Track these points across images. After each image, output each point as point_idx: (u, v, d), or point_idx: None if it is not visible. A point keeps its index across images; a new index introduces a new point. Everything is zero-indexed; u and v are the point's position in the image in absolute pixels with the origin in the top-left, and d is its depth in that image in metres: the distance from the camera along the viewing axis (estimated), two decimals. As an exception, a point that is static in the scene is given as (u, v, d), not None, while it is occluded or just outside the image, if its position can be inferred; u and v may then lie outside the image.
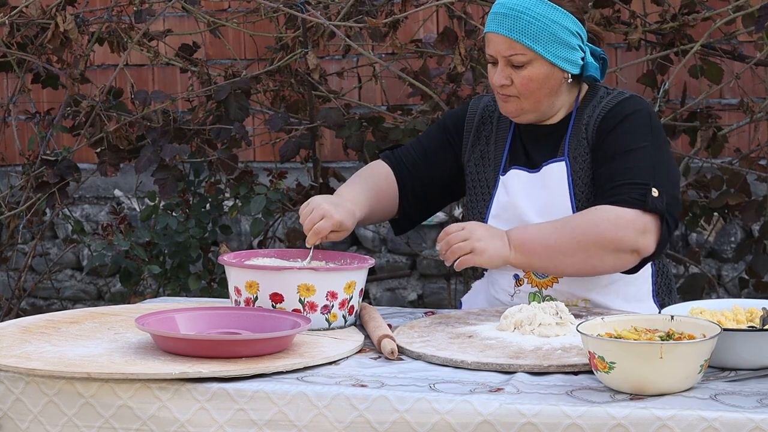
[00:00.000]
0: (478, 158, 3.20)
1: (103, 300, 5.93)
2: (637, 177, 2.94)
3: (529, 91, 3.04)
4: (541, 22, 3.00)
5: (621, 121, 3.03)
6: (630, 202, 2.92)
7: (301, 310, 2.83)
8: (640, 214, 2.92)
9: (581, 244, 2.91)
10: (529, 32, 2.99)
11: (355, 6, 4.36)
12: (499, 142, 3.18)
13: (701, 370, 2.38)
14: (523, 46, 3.00)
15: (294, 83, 4.60)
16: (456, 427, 2.33)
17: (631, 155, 2.98)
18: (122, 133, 4.52)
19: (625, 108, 3.05)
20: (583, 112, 3.10)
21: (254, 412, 2.44)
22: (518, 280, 3.10)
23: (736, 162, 4.52)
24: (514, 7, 3.01)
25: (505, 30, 3.01)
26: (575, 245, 2.91)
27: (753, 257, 4.62)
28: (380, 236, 5.57)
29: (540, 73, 3.03)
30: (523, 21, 2.99)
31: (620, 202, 2.92)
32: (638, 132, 3.02)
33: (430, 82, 4.51)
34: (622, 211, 2.91)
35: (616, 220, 2.90)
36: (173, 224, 4.59)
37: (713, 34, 4.32)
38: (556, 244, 2.91)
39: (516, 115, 3.10)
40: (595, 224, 2.91)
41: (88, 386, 2.50)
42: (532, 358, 2.56)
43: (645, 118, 3.05)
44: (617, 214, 2.91)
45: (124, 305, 3.18)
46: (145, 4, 4.54)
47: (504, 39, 3.02)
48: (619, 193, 2.94)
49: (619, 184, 2.95)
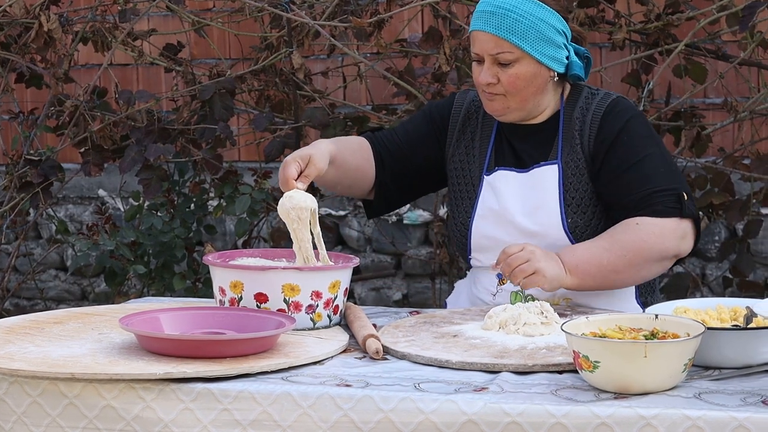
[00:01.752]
0: (462, 154, 3.20)
1: (88, 300, 5.92)
2: (661, 184, 2.99)
3: (516, 90, 3.04)
4: (528, 20, 3.00)
5: (621, 131, 3.05)
6: (667, 211, 2.97)
7: (286, 310, 2.83)
8: (678, 221, 2.98)
9: (632, 261, 2.94)
10: (517, 30, 3.00)
11: (340, 5, 4.36)
12: (484, 140, 3.18)
13: (685, 369, 2.38)
14: (511, 44, 3.01)
15: (279, 83, 4.59)
16: (440, 427, 2.33)
17: (643, 164, 3.02)
18: (106, 133, 4.51)
19: (619, 116, 3.07)
20: (571, 114, 3.10)
21: (239, 412, 2.43)
22: (501, 279, 3.11)
23: (720, 161, 4.53)
24: (501, 5, 3.01)
25: (492, 28, 3.01)
26: (626, 263, 2.94)
27: (737, 256, 4.63)
28: (365, 236, 5.57)
29: (527, 72, 3.03)
30: (510, 19, 2.99)
31: (659, 213, 2.96)
32: (642, 138, 3.06)
33: (415, 81, 4.50)
34: (664, 222, 2.96)
35: (661, 232, 2.95)
36: (158, 224, 4.58)
37: (697, 33, 4.33)
38: (608, 264, 2.93)
39: (501, 114, 3.10)
40: (642, 240, 2.94)
41: (72, 387, 2.50)
42: (516, 358, 2.57)
43: (642, 122, 3.10)
44: (661, 226, 2.96)
45: (108, 305, 3.17)
46: (129, 3, 4.54)
47: (491, 37, 3.02)
48: (653, 203, 2.97)
49: (648, 194, 2.98)
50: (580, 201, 3.06)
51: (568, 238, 3.05)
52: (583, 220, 3.06)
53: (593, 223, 3.07)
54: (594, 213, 3.07)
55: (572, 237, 3.05)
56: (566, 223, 3.05)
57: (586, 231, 3.06)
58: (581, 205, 3.06)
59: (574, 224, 3.05)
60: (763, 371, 2.49)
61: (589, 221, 3.07)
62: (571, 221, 3.05)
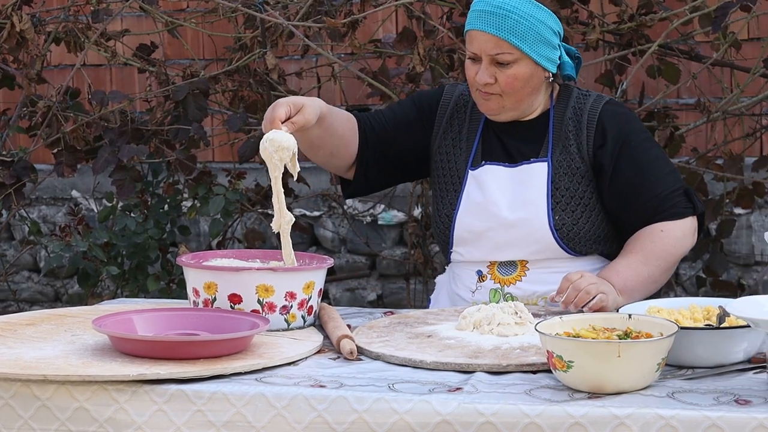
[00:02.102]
0: (449, 147, 3.20)
1: (61, 302, 5.89)
2: (670, 185, 3.09)
3: (513, 90, 3.06)
4: (528, 21, 3.01)
5: (626, 138, 3.10)
6: (683, 212, 3.09)
7: (260, 311, 2.82)
8: (692, 219, 3.11)
9: (667, 269, 3.07)
10: (517, 31, 3.01)
11: (313, 6, 4.36)
12: (471, 134, 3.19)
13: (658, 369, 2.39)
14: (511, 45, 3.02)
15: (253, 83, 4.59)
16: (415, 427, 2.33)
17: (652, 167, 3.10)
18: (79, 134, 4.49)
19: (619, 121, 3.12)
20: (563, 114, 3.13)
21: (212, 413, 2.42)
22: (481, 276, 3.11)
23: (694, 161, 4.55)
24: (502, 6, 3.02)
25: (492, 28, 3.02)
26: (662, 271, 3.06)
27: (710, 256, 4.65)
28: (340, 236, 5.57)
29: (524, 72, 3.05)
30: (510, 20, 3.01)
31: (676, 215, 3.08)
32: (644, 141, 3.13)
33: (389, 82, 4.50)
34: (683, 223, 3.09)
35: (683, 234, 3.09)
36: (131, 225, 4.57)
37: (670, 34, 4.35)
38: (649, 276, 3.03)
39: (496, 113, 3.12)
40: (672, 246, 3.06)
41: (44, 388, 2.48)
42: (490, 358, 2.57)
43: (639, 123, 3.19)
44: (682, 228, 3.08)
45: (81, 307, 3.16)
46: (102, 3, 4.52)
47: (491, 37, 3.03)
48: (668, 206, 3.07)
49: (662, 197, 3.07)
50: (569, 200, 3.08)
51: (553, 236, 3.06)
52: (570, 219, 3.08)
53: (580, 223, 3.08)
54: (582, 213, 3.09)
55: (557, 235, 3.06)
56: (552, 221, 3.06)
57: (572, 230, 3.08)
58: (570, 204, 3.08)
59: (561, 222, 3.07)
60: (735, 370, 2.49)
61: (576, 220, 3.08)
62: (558, 219, 3.07)
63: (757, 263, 5.11)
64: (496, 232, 3.09)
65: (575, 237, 3.08)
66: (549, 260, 3.10)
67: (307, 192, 5.13)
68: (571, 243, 3.09)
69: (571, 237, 3.08)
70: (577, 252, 3.10)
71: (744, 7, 3.96)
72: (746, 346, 2.53)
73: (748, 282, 5.07)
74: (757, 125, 4.69)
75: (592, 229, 3.10)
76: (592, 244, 3.11)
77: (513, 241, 3.09)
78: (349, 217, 5.27)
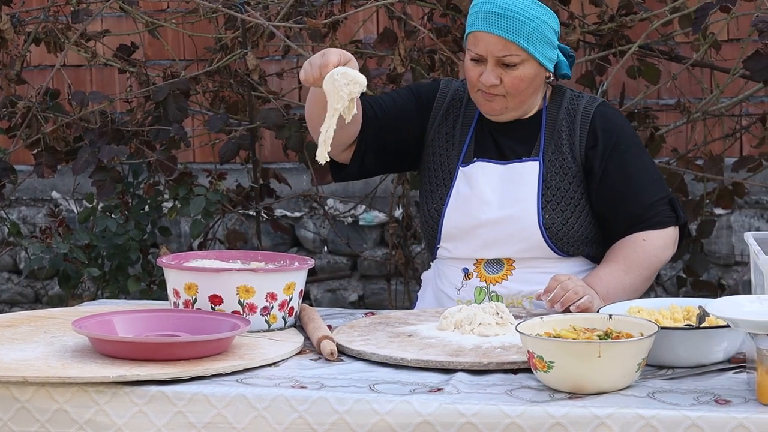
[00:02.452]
0: (441, 142, 3.21)
1: (41, 303, 5.87)
2: (656, 193, 3.12)
3: (518, 91, 3.08)
4: (534, 23, 3.03)
5: (617, 141, 3.12)
6: (666, 222, 3.11)
7: (241, 312, 2.82)
8: (674, 229, 3.13)
9: (649, 277, 3.10)
10: (524, 33, 3.03)
11: (294, 6, 4.35)
12: (464, 131, 3.19)
13: (639, 369, 2.39)
14: (518, 47, 3.03)
15: (233, 84, 4.58)
16: (395, 428, 2.33)
17: (641, 174, 3.12)
18: (59, 135, 4.47)
19: (611, 124, 3.14)
20: (556, 114, 3.14)
21: (193, 414, 2.42)
22: (467, 273, 3.12)
23: (674, 162, 4.56)
24: (509, 8, 3.02)
25: (501, 30, 3.02)
26: (643, 279, 3.09)
27: (690, 256, 4.66)
28: (321, 237, 5.56)
29: (530, 74, 3.07)
30: (518, 22, 3.01)
31: (659, 224, 3.10)
32: (635, 147, 3.16)
33: (370, 82, 4.50)
34: (666, 233, 3.11)
35: (665, 243, 3.11)
36: (112, 226, 4.55)
37: (651, 35, 4.36)
38: (630, 285, 3.05)
39: (498, 114, 3.13)
40: (654, 255, 3.09)
41: (23, 390, 2.47)
42: (471, 356, 2.57)
43: (630, 128, 3.22)
44: (664, 238, 3.11)
45: (61, 308, 3.15)
46: (82, 4, 4.51)
47: (499, 39, 3.03)
48: (652, 215, 3.09)
49: (647, 206, 3.09)
50: (559, 200, 3.09)
51: (542, 235, 3.07)
52: (560, 219, 3.08)
53: (569, 223, 3.09)
54: (572, 213, 3.10)
55: (546, 234, 3.07)
56: (542, 220, 3.07)
57: (561, 229, 3.08)
58: (560, 203, 3.09)
59: (551, 221, 3.07)
60: (715, 370, 2.50)
61: (566, 220, 3.09)
62: (548, 218, 3.07)
63: (737, 263, 5.13)
64: (485, 228, 3.09)
65: (564, 237, 3.09)
66: (535, 260, 3.10)
67: (288, 193, 5.12)
68: (560, 243, 3.09)
69: (560, 237, 3.08)
70: (565, 252, 3.10)
71: (724, 8, 3.98)
72: (726, 346, 2.54)
73: (728, 282, 5.09)
74: (737, 126, 4.71)
75: (581, 230, 3.11)
76: (579, 245, 3.12)
77: (501, 239, 3.09)
78: (330, 218, 5.27)
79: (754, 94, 4.52)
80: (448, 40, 4.32)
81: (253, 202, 4.72)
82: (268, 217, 4.79)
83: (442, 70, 4.34)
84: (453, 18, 4.34)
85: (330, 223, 5.29)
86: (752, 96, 4.59)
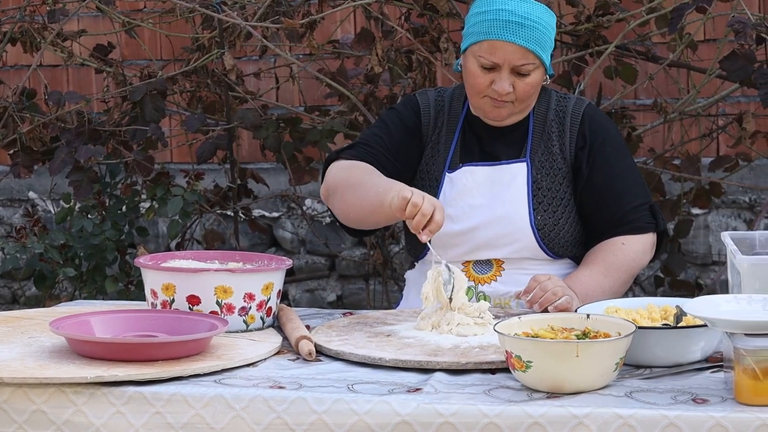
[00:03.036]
0: (429, 152, 3.20)
1: (18, 304, 5.85)
2: (637, 198, 3.13)
3: (527, 96, 3.09)
4: (548, 31, 3.06)
5: (604, 142, 3.13)
6: (646, 227, 3.12)
7: (219, 312, 2.81)
8: (653, 235, 3.14)
9: (626, 281, 3.11)
10: (541, 42, 3.04)
11: (271, 6, 4.35)
12: (448, 138, 3.18)
13: (617, 368, 2.40)
14: (535, 56, 3.04)
15: (211, 84, 4.57)
16: (374, 428, 2.33)
17: (624, 177, 3.13)
18: (36, 135, 4.46)
19: (599, 125, 3.15)
20: (545, 115, 3.15)
21: (171, 415, 2.41)
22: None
23: (651, 162, 4.57)
24: (528, 17, 3.02)
25: (522, 40, 3.01)
26: (622, 283, 3.09)
27: (668, 256, 4.68)
28: (299, 237, 5.56)
29: (539, 80, 3.09)
30: (537, 31, 3.02)
31: (638, 230, 3.11)
32: (621, 149, 3.17)
33: (347, 82, 4.50)
34: (644, 238, 3.12)
35: (643, 248, 3.12)
36: (89, 226, 4.54)
37: (627, 35, 4.37)
38: (609, 288, 3.05)
39: (504, 119, 3.13)
40: (633, 260, 3.09)
41: (0, 391, 2.46)
42: (450, 356, 2.57)
43: (617, 130, 3.22)
44: (642, 243, 3.11)
45: (38, 309, 3.14)
46: (58, 3, 4.49)
47: (518, 48, 3.02)
48: (632, 219, 3.11)
49: (628, 210, 3.10)
50: (551, 200, 3.09)
51: (534, 236, 3.07)
52: (552, 219, 3.08)
53: (560, 223, 3.09)
54: (562, 214, 3.10)
55: (539, 235, 3.07)
56: (534, 220, 3.07)
57: (553, 230, 3.08)
58: (551, 204, 3.09)
59: (543, 222, 3.07)
60: (693, 370, 2.51)
61: (557, 221, 3.09)
62: (540, 219, 3.07)
63: (715, 263, 5.14)
64: (474, 233, 3.09)
65: (555, 238, 3.09)
66: (525, 261, 3.10)
67: (266, 192, 5.12)
68: (551, 244, 3.09)
69: (552, 238, 3.09)
70: (555, 253, 3.10)
71: (700, 9, 3.99)
72: (703, 345, 2.55)
73: (705, 282, 5.11)
74: (714, 126, 4.72)
75: (571, 231, 3.12)
76: (569, 246, 3.12)
77: (491, 240, 3.09)
78: (309, 218, 5.27)
79: (730, 94, 4.54)
80: (426, 40, 4.32)
81: (230, 202, 4.72)
82: (245, 217, 4.78)
83: (420, 70, 4.35)
84: (430, 18, 4.34)
85: (308, 223, 5.29)
86: (728, 96, 4.61)
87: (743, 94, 4.88)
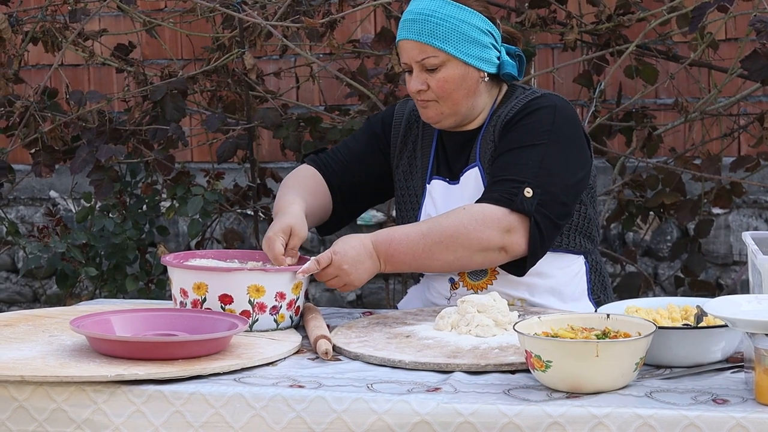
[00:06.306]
0: (405, 165, 3.20)
1: (39, 302, 5.87)
2: (516, 174, 2.92)
3: (446, 94, 3.03)
4: (449, 22, 3.00)
5: (522, 119, 3.01)
6: (499, 200, 2.91)
7: (251, 312, 2.81)
8: (507, 213, 2.90)
9: (449, 248, 2.89)
10: (438, 33, 2.99)
11: (292, 6, 4.35)
12: (425, 149, 3.17)
13: (636, 368, 2.40)
14: (434, 48, 3.00)
15: (231, 83, 4.58)
16: (393, 427, 2.33)
17: (521, 152, 2.96)
18: (57, 134, 4.47)
19: (530, 106, 3.03)
20: (498, 114, 3.09)
21: (191, 414, 2.42)
22: (453, 283, 3.10)
23: (672, 161, 4.56)
24: (422, 12, 3.01)
25: (414, 35, 3.01)
26: (443, 249, 2.89)
27: (688, 256, 4.67)
28: (319, 237, 5.56)
29: (455, 75, 3.02)
30: (430, 23, 2.99)
31: (490, 200, 2.92)
32: (536, 130, 2.98)
33: (367, 82, 4.50)
34: (491, 210, 2.90)
35: (483, 219, 2.89)
36: (110, 226, 4.55)
37: (648, 34, 4.36)
38: (424, 251, 2.90)
39: (437, 121, 3.09)
40: (463, 225, 2.89)
41: (21, 390, 2.47)
42: (469, 358, 2.57)
43: (548, 116, 3.00)
44: (485, 214, 2.89)
45: (59, 307, 3.15)
46: (79, 3, 4.50)
47: (414, 44, 3.01)
48: (492, 190, 2.94)
49: (497, 181, 2.95)
50: None
51: None
52: None
53: None
54: None
55: None
56: None
57: None
58: None
59: None
60: (713, 370, 2.50)
61: None
62: None
63: (735, 263, 5.13)
64: None
65: None
66: None
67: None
68: None
69: None
70: None
71: (721, 8, 3.98)
72: (724, 345, 2.54)
73: (726, 282, 5.09)
74: (735, 125, 4.71)
75: None
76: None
77: None
78: (328, 218, 5.26)
79: (751, 93, 4.52)
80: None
81: (250, 201, 4.72)
82: (265, 216, 4.79)
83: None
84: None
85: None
86: (750, 95, 4.60)
87: (765, 93, 4.86)
